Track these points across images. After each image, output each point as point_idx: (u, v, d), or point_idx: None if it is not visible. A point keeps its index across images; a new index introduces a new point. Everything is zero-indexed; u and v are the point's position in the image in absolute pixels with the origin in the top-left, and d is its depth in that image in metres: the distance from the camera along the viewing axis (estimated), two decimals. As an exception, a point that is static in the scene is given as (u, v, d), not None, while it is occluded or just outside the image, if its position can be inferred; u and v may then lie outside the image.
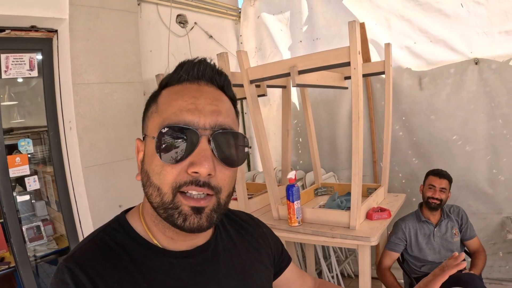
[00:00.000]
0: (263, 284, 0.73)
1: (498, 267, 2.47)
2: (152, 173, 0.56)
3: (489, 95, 2.34)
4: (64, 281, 0.53)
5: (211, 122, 0.55)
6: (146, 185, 0.58)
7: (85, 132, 2.03)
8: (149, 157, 0.57)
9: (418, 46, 2.50)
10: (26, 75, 2.06)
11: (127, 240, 0.60)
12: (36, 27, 2.01)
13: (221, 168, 0.56)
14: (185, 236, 0.61)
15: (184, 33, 2.67)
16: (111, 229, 0.62)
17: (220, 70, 0.62)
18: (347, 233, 1.73)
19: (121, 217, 0.65)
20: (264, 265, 0.75)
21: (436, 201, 2.02)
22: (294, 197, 1.84)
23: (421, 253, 2.07)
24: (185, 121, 0.54)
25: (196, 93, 0.57)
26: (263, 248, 0.77)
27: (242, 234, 0.75)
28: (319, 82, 2.01)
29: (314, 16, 2.84)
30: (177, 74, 0.60)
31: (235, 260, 0.69)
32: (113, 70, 2.14)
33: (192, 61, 0.60)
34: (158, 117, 0.57)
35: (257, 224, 0.82)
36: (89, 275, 0.54)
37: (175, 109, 0.56)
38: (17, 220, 2.01)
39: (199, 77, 0.59)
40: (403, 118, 2.63)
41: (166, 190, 0.54)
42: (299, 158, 3.18)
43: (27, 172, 2.05)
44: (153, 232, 0.61)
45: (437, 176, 2.06)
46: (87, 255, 0.57)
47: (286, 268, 0.85)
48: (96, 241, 0.60)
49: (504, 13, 2.22)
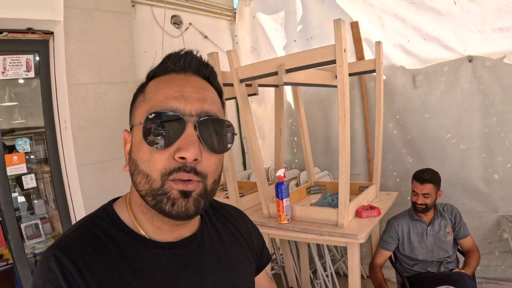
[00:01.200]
0: (247, 278, 0.74)
1: (494, 266, 2.45)
2: (140, 160, 0.56)
3: (483, 92, 2.32)
4: (50, 269, 0.53)
5: (197, 109, 0.56)
6: (134, 174, 0.58)
7: (80, 131, 2.07)
8: (137, 145, 0.58)
9: (411, 44, 2.49)
10: (23, 76, 2.12)
11: (114, 230, 0.60)
12: (33, 29, 2.06)
13: (207, 154, 0.57)
14: (172, 226, 0.62)
15: (178, 33, 2.70)
16: (97, 218, 0.62)
17: (206, 62, 0.63)
18: (335, 231, 1.74)
19: (108, 206, 0.65)
20: (248, 259, 0.76)
21: (421, 206, 1.99)
22: (283, 194, 1.85)
23: (413, 252, 2.06)
24: (172, 107, 0.55)
25: (182, 81, 0.59)
26: (247, 242, 0.78)
27: (227, 226, 0.76)
28: (309, 80, 2.03)
29: (308, 15, 2.85)
30: (164, 65, 0.61)
31: (221, 253, 0.69)
32: (108, 71, 2.18)
33: (179, 52, 0.62)
34: (145, 105, 0.59)
35: (243, 218, 0.83)
36: (76, 263, 0.54)
37: (162, 97, 0.57)
38: (14, 217, 2.06)
39: (186, 68, 0.61)
40: (397, 116, 2.62)
41: (156, 176, 0.55)
42: (294, 157, 3.19)
43: (24, 170, 2.10)
44: (140, 222, 0.62)
45: (419, 182, 1.99)
46: (74, 244, 0.57)
47: (265, 266, 0.85)
48: (82, 230, 0.60)
49: (498, 10, 2.20)
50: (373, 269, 2.07)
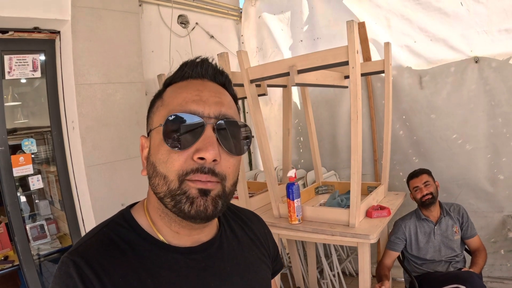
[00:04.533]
0: (264, 282, 0.74)
1: (500, 265, 2.47)
2: (159, 162, 0.57)
3: (489, 93, 2.34)
4: (69, 274, 0.53)
5: (215, 112, 0.57)
6: (152, 176, 0.58)
7: (88, 132, 2.05)
8: (155, 148, 0.58)
9: (418, 45, 2.50)
10: (29, 76, 2.09)
11: (132, 235, 0.60)
12: (39, 28, 2.04)
13: (226, 156, 0.57)
14: (190, 230, 0.62)
15: (185, 33, 2.69)
16: (115, 224, 0.62)
17: (221, 70, 0.65)
18: (347, 231, 1.75)
19: (126, 212, 0.65)
20: (265, 264, 0.76)
21: (428, 196, 2.04)
22: (294, 195, 1.85)
23: (420, 252, 2.08)
24: (191, 110, 0.56)
25: (200, 86, 0.60)
26: (264, 247, 0.78)
27: (245, 231, 0.76)
28: (319, 81, 2.03)
29: (314, 15, 2.85)
30: (182, 71, 0.63)
31: (239, 257, 0.69)
32: (115, 71, 2.16)
33: (195, 60, 0.63)
34: (164, 109, 0.59)
35: (260, 223, 0.83)
36: (94, 269, 0.54)
37: (180, 101, 0.58)
38: (21, 219, 2.04)
39: (203, 74, 0.62)
40: (404, 117, 2.63)
41: (173, 177, 0.55)
42: (300, 157, 3.19)
43: (31, 171, 2.07)
44: (158, 227, 0.62)
45: (415, 177, 2.11)
46: (92, 250, 0.57)
47: (278, 273, 0.85)
48: (100, 236, 0.60)
49: (504, 11, 2.22)
50: (380, 267, 2.08)
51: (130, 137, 2.19)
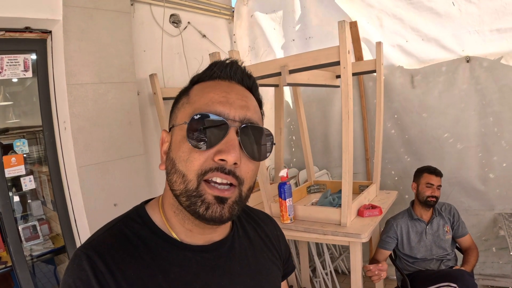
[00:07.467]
0: (275, 284, 0.74)
1: (491, 263, 2.50)
2: (179, 159, 0.57)
3: (481, 93, 2.36)
4: (81, 267, 0.54)
5: (240, 115, 0.58)
6: (171, 173, 0.59)
7: (80, 132, 2.04)
8: (177, 144, 0.58)
9: (410, 44, 2.52)
10: (20, 76, 2.08)
11: (145, 232, 0.61)
12: (30, 28, 2.02)
13: (246, 160, 0.58)
14: (203, 229, 0.62)
15: (177, 32, 2.68)
16: (129, 220, 0.63)
17: (249, 73, 0.65)
18: (338, 230, 1.76)
19: (140, 208, 0.65)
20: (276, 265, 0.76)
21: (434, 199, 2.06)
22: (286, 194, 1.86)
23: (412, 251, 2.09)
24: (216, 111, 0.57)
25: (227, 88, 0.60)
26: (276, 249, 0.78)
27: (258, 232, 0.76)
28: (311, 81, 2.03)
29: (306, 15, 2.86)
30: (210, 71, 0.63)
31: (251, 258, 0.70)
32: (107, 70, 2.15)
33: (224, 61, 0.64)
34: (189, 107, 0.60)
35: (273, 225, 0.83)
36: (107, 263, 0.55)
37: (207, 100, 0.58)
38: (13, 219, 2.03)
39: (231, 76, 0.62)
40: (395, 116, 2.65)
41: (191, 177, 0.55)
42: (292, 156, 3.20)
43: (23, 172, 2.06)
44: (172, 224, 0.62)
45: (434, 174, 2.08)
46: (105, 244, 0.58)
47: (289, 275, 0.85)
48: (114, 231, 0.60)
49: (495, 11, 2.24)
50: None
51: (122, 137, 2.19)
